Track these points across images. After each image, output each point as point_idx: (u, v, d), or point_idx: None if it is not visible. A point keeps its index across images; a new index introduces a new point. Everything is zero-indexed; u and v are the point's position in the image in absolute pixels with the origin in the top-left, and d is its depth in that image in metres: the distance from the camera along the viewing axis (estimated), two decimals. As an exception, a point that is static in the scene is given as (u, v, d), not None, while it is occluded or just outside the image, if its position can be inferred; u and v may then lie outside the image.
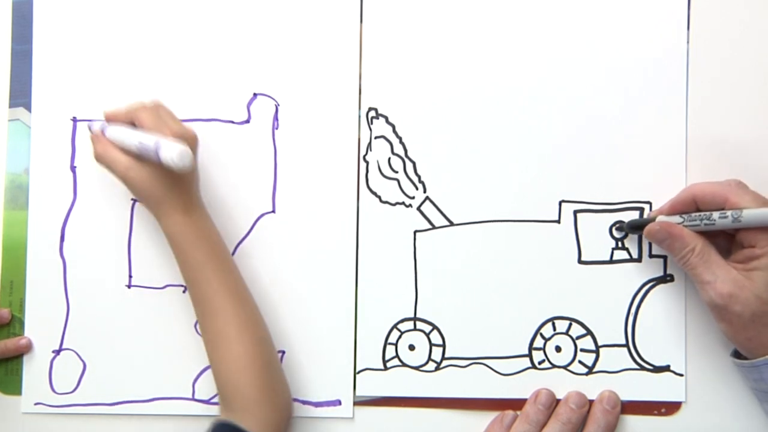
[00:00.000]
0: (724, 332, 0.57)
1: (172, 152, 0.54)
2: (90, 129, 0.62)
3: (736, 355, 0.59)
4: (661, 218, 0.59)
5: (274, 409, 0.59)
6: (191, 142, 0.58)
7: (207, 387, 0.64)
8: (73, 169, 0.66)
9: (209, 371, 0.61)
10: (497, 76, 0.64)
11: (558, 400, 0.62)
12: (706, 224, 0.56)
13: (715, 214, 0.56)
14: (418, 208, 0.64)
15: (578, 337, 0.63)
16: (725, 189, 0.56)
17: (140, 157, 0.57)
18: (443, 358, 0.64)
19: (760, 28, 0.62)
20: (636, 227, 0.61)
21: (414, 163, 0.64)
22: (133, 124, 0.59)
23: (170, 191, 0.58)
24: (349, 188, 0.64)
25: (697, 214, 0.57)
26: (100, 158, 0.60)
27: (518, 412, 0.62)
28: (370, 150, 0.64)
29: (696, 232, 0.57)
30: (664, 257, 0.62)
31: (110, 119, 0.60)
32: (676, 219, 0.58)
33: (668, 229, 0.57)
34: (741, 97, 0.62)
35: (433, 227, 0.64)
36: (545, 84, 0.63)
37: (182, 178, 0.58)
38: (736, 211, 0.55)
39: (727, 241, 0.59)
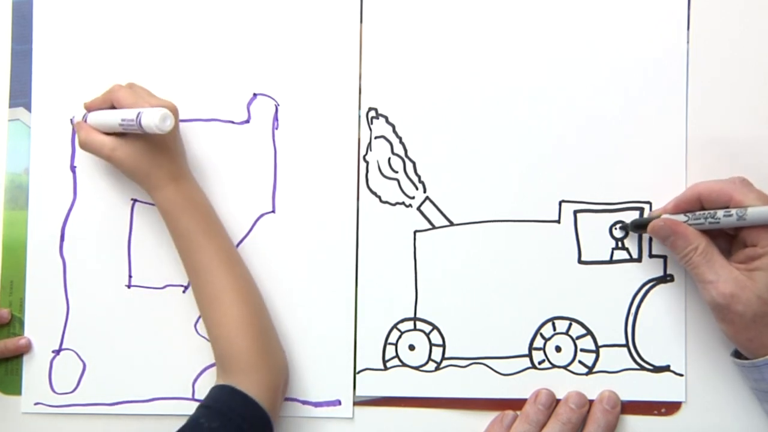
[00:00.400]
0: (725, 332, 0.57)
1: (154, 117, 0.56)
2: (71, 121, 0.64)
3: (737, 354, 0.59)
4: (665, 216, 0.59)
5: (271, 371, 0.59)
6: (171, 110, 0.58)
7: (207, 387, 0.63)
8: (73, 169, 0.66)
9: (209, 371, 0.61)
10: (497, 76, 0.64)
11: (558, 400, 0.62)
12: (710, 222, 0.56)
13: (720, 213, 0.56)
14: (418, 208, 0.64)
15: (578, 337, 0.63)
16: (730, 187, 0.56)
17: (124, 135, 0.59)
18: (443, 358, 0.64)
19: (760, 28, 0.62)
20: (639, 226, 0.61)
21: (414, 163, 0.64)
22: (112, 107, 0.61)
23: (157, 162, 0.59)
24: (349, 188, 0.64)
25: (702, 212, 0.57)
26: (84, 144, 0.61)
27: (518, 412, 0.62)
28: (370, 150, 0.64)
29: (700, 231, 0.57)
30: (664, 257, 0.62)
31: (90, 107, 0.62)
32: (681, 218, 0.58)
33: (672, 226, 0.57)
34: (741, 97, 0.62)
35: (433, 227, 0.64)
36: (545, 84, 0.63)
37: (167, 147, 0.60)
38: (741, 209, 0.55)
39: (727, 242, 0.59)
